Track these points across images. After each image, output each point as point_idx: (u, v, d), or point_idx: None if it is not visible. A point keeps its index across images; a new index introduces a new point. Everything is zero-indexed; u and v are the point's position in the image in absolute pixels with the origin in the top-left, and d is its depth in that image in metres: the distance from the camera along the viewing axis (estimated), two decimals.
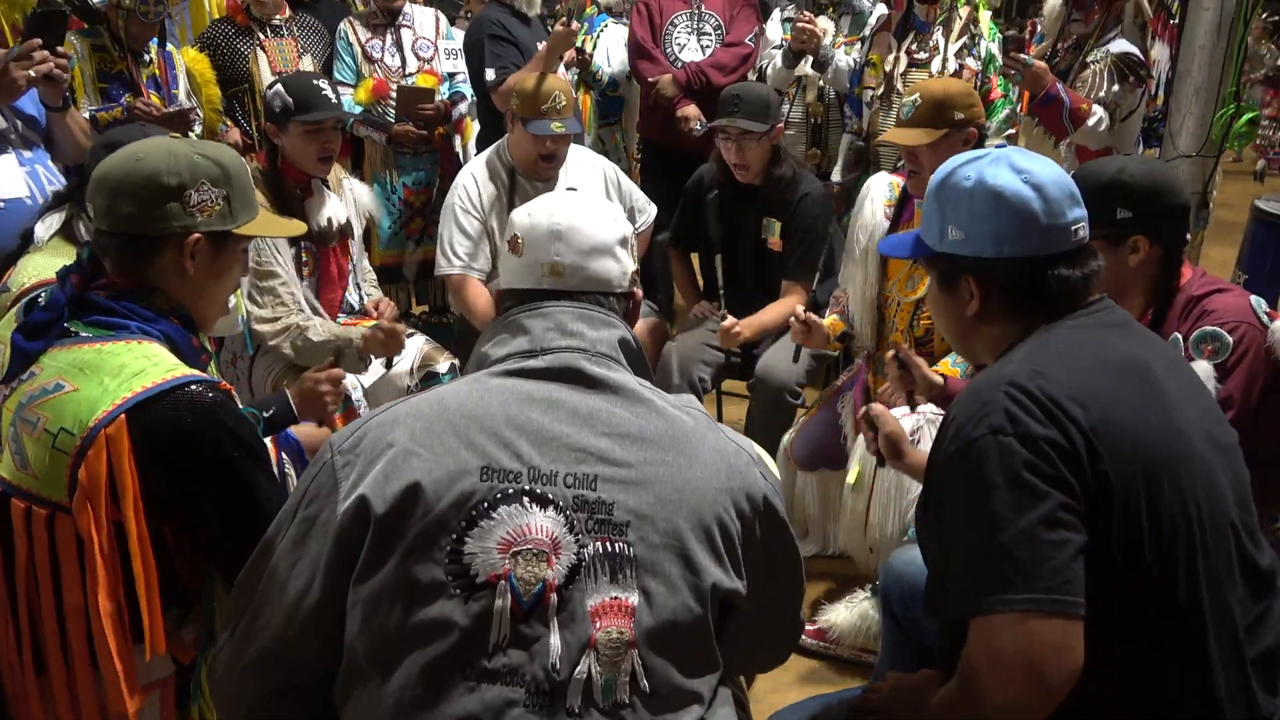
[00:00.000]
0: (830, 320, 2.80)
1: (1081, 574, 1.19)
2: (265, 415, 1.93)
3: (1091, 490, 1.22)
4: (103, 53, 3.28)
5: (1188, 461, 1.27)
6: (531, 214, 1.34)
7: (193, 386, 1.41)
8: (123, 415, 1.36)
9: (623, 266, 1.34)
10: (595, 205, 1.36)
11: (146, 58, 3.37)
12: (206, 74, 3.66)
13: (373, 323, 2.75)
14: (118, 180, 1.48)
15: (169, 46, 3.50)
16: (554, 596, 1.14)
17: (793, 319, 2.67)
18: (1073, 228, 1.36)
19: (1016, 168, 1.36)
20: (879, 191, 2.68)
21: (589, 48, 4.59)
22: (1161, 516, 1.24)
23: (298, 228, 1.87)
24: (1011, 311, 1.39)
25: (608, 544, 1.15)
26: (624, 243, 1.35)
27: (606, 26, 4.67)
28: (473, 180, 3.06)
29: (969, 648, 1.22)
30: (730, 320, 2.93)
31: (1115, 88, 3.39)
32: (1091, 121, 3.35)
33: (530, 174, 3.02)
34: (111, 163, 1.50)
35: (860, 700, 1.51)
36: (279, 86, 2.70)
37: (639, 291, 1.40)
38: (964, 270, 1.39)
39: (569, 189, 1.47)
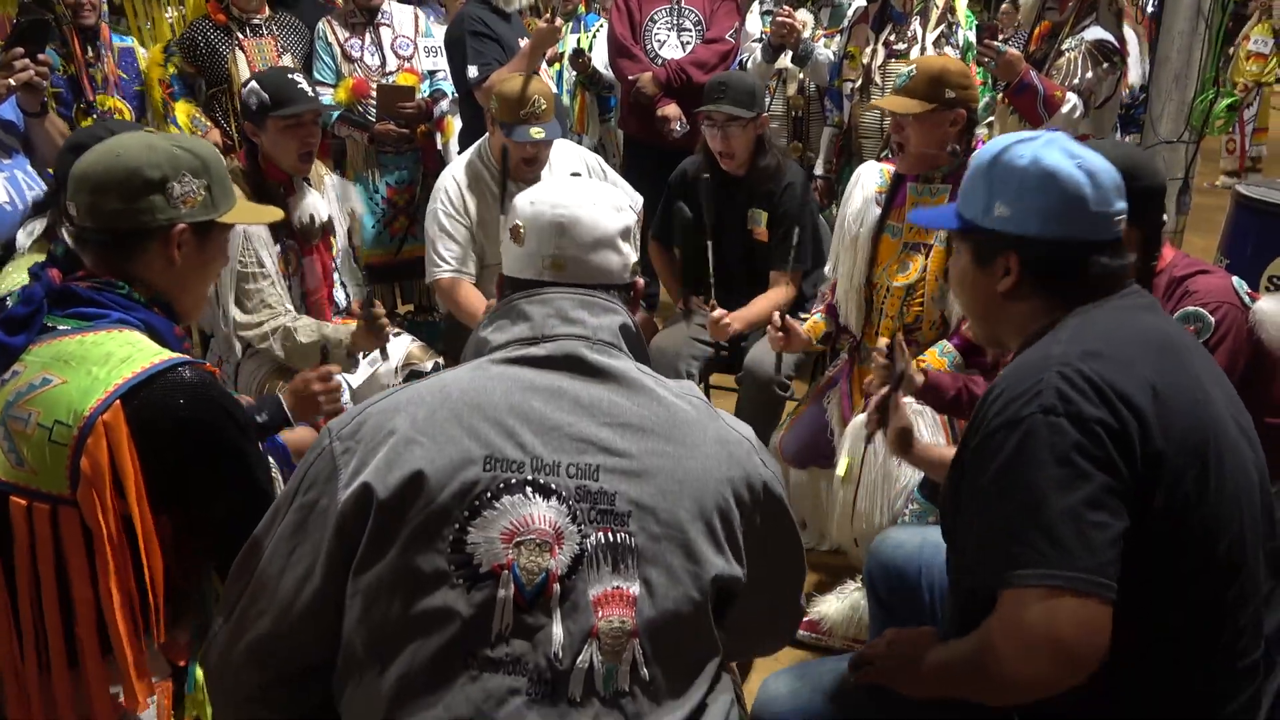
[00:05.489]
0: (810, 323, 2.80)
1: (1118, 560, 1.19)
2: (259, 420, 1.92)
3: (1139, 471, 1.22)
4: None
5: (1225, 439, 1.29)
6: (535, 202, 1.33)
7: (181, 368, 1.42)
8: (117, 401, 1.36)
9: (624, 259, 1.34)
10: (599, 195, 1.35)
11: (101, 51, 3.35)
12: (162, 74, 3.68)
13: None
14: (100, 177, 1.47)
15: (130, 42, 3.45)
16: (557, 586, 1.14)
17: (769, 328, 2.66)
18: (1115, 218, 1.37)
19: (1070, 152, 1.37)
20: (869, 178, 2.68)
21: (584, 46, 4.56)
22: (1208, 492, 1.25)
23: (274, 214, 1.93)
24: (1043, 293, 1.39)
25: (610, 534, 1.16)
26: (626, 234, 1.34)
27: (601, 26, 4.65)
28: (454, 183, 3.04)
29: (995, 617, 1.22)
30: (719, 312, 2.91)
31: (1090, 74, 3.41)
32: (1066, 108, 3.37)
33: (512, 175, 3.00)
34: (90, 159, 1.49)
35: (856, 657, 1.52)
36: (254, 84, 2.68)
37: (640, 281, 1.41)
38: (1006, 246, 1.39)
39: (573, 174, 1.47)
